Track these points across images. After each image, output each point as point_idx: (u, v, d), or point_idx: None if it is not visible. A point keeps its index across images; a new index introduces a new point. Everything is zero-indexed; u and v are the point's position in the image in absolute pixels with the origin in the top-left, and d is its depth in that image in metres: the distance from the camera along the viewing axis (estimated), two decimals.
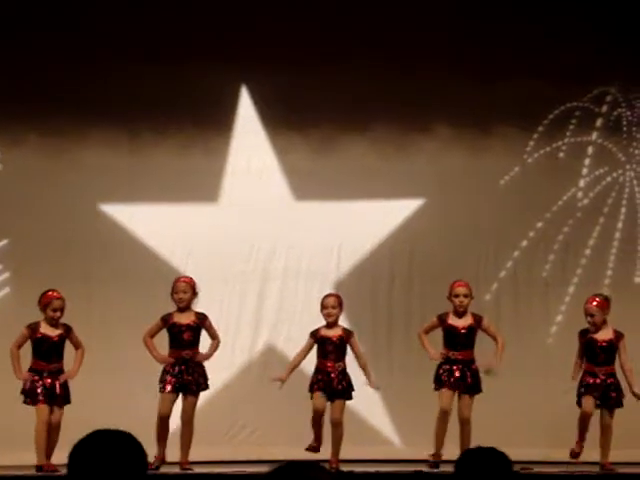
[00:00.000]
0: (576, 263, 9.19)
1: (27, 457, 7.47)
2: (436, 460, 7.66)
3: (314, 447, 7.64)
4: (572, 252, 9.18)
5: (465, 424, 7.64)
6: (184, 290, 7.65)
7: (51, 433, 7.40)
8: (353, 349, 7.76)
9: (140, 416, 7.91)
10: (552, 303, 9.14)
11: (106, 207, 9.00)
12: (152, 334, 7.65)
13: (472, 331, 7.78)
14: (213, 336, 7.74)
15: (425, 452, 7.86)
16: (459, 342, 7.76)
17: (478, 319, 7.83)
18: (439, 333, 7.84)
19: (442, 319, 7.82)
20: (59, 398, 7.45)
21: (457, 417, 7.67)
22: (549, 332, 9.09)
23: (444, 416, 7.65)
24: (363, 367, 7.77)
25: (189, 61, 8.89)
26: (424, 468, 7.59)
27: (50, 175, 8.95)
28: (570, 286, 9.16)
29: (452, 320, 7.79)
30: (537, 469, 7.73)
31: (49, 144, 8.98)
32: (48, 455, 7.41)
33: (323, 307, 7.81)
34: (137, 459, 2.53)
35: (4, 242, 8.93)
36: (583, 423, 7.69)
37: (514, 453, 8.60)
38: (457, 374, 7.69)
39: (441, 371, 7.73)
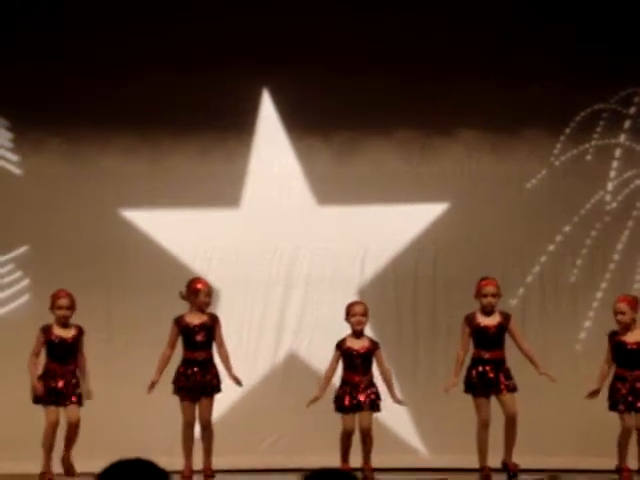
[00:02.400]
0: (604, 268, 9.05)
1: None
2: (487, 473, 7.49)
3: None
4: (600, 257, 9.04)
5: (512, 422, 7.44)
6: (210, 293, 7.60)
7: (69, 433, 7.36)
8: (378, 362, 7.64)
9: (162, 422, 7.85)
10: (580, 309, 9.00)
11: (127, 213, 8.95)
12: (172, 344, 7.53)
13: (502, 329, 7.65)
14: (221, 343, 7.57)
15: (451, 460, 7.73)
16: (490, 342, 7.61)
17: (506, 316, 7.71)
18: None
19: (470, 320, 7.68)
20: (73, 397, 7.39)
21: (504, 416, 7.49)
22: (577, 338, 8.95)
23: (485, 427, 7.49)
24: (387, 381, 7.64)
25: (210, 66, 8.85)
26: (449, 477, 7.46)
27: (71, 181, 8.93)
28: (598, 291, 9.02)
29: (480, 319, 7.66)
30: (566, 477, 7.60)
31: (70, 151, 8.96)
32: (66, 453, 7.36)
33: (351, 315, 7.68)
34: None
35: (24, 248, 8.90)
36: (625, 440, 7.48)
37: (543, 461, 8.55)
38: (491, 375, 7.54)
39: (474, 373, 7.57)
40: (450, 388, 7.53)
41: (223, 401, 7.81)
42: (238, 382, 7.55)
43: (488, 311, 7.65)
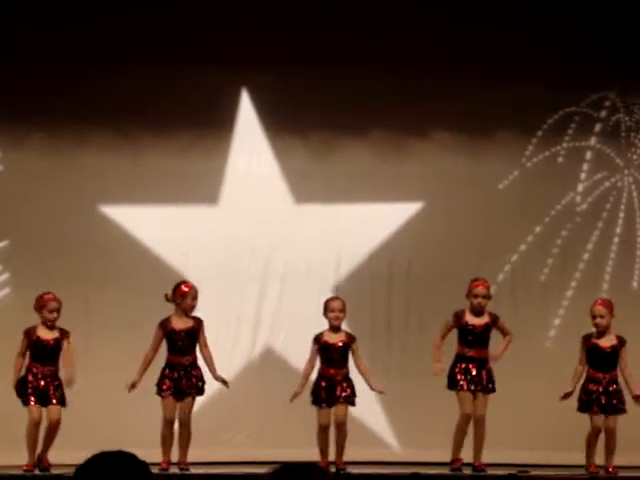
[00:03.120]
0: (574, 267, 9.21)
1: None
2: (459, 466, 7.62)
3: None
4: (570, 257, 9.20)
5: (480, 424, 7.62)
6: (195, 297, 7.64)
7: (48, 432, 7.42)
8: (354, 354, 7.76)
9: (139, 418, 7.94)
10: (551, 307, 9.16)
11: (106, 209, 9.02)
12: (155, 347, 7.60)
13: (488, 329, 7.78)
14: (204, 345, 7.66)
15: (423, 454, 7.87)
16: (475, 340, 7.74)
17: (494, 318, 7.83)
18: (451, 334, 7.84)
19: (458, 317, 7.80)
20: (54, 398, 7.45)
21: (472, 416, 7.64)
22: (547, 336, 9.11)
23: (467, 420, 7.61)
24: (364, 372, 7.77)
25: (189, 63, 8.91)
26: (420, 471, 7.60)
27: (50, 177, 8.97)
28: (568, 290, 9.18)
29: (469, 318, 7.78)
30: (535, 472, 7.75)
31: (50, 146, 9.01)
32: (43, 453, 7.44)
33: (330, 310, 7.79)
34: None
35: (4, 243, 8.96)
36: (593, 440, 7.63)
37: (513, 456, 8.69)
38: (474, 372, 7.67)
39: (457, 370, 7.70)
40: (440, 372, 7.65)
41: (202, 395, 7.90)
42: (225, 383, 7.66)
43: (477, 312, 7.76)
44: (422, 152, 9.17)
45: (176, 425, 7.65)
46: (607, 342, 7.75)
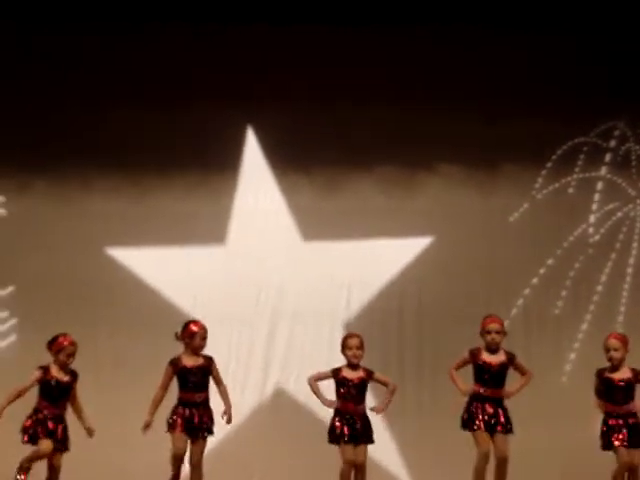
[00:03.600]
0: (588, 299, 9.11)
1: None
2: None
3: None
4: (584, 288, 9.11)
5: (503, 464, 7.45)
6: (204, 337, 7.59)
7: (50, 475, 7.33)
8: (380, 381, 7.66)
9: (149, 458, 7.81)
10: (565, 341, 9.05)
11: (113, 251, 8.98)
12: (166, 385, 7.53)
13: (505, 368, 7.64)
14: (220, 381, 7.62)
15: None
16: (491, 379, 7.61)
17: (511, 356, 7.70)
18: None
19: (474, 354, 7.67)
20: (60, 443, 7.37)
21: (494, 457, 7.48)
22: (563, 370, 8.98)
23: (485, 460, 7.46)
24: (391, 392, 7.65)
25: (193, 103, 8.92)
26: None
27: (56, 221, 8.96)
28: (583, 323, 9.07)
29: (485, 356, 7.64)
30: None
31: (54, 191, 9.00)
32: None
33: (347, 348, 7.66)
34: None
35: (11, 289, 8.91)
36: (620, 476, 7.48)
37: None
38: (490, 411, 7.53)
39: (472, 409, 7.55)
40: (469, 391, 7.51)
41: (211, 437, 7.78)
42: (229, 420, 7.56)
43: (492, 348, 7.63)
44: (430, 186, 9.12)
45: (187, 468, 7.52)
46: (620, 375, 7.63)
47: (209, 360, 7.60)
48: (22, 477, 7.28)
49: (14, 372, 7.93)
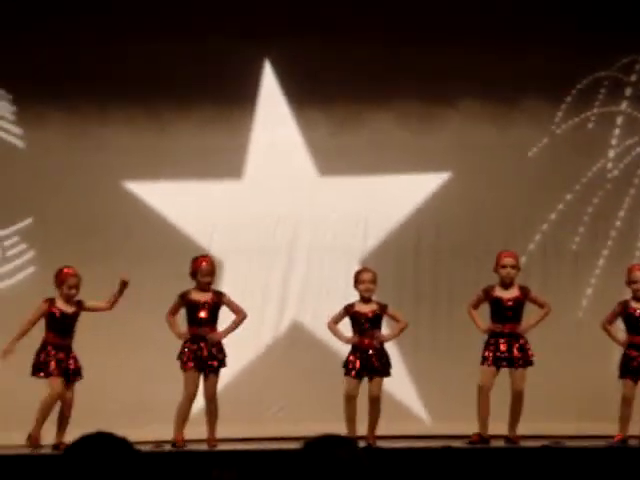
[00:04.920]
0: (606, 235, 9.06)
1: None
2: (483, 438, 7.52)
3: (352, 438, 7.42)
4: (602, 224, 9.05)
5: (518, 398, 7.52)
6: (211, 273, 7.61)
7: (63, 409, 7.41)
8: (394, 318, 7.71)
9: (162, 394, 7.89)
10: (582, 276, 9.03)
11: (130, 185, 8.97)
12: (174, 312, 7.64)
13: (519, 303, 7.65)
14: (236, 311, 7.68)
15: (455, 427, 7.79)
16: (506, 315, 7.62)
17: (525, 291, 7.70)
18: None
19: (487, 292, 7.68)
20: (73, 373, 7.45)
21: (510, 390, 7.55)
22: (579, 305, 8.98)
23: (482, 393, 7.53)
24: (399, 330, 7.67)
25: (211, 37, 8.81)
26: (453, 443, 7.51)
27: (73, 154, 8.93)
28: (600, 258, 9.04)
29: (498, 292, 7.65)
30: (569, 443, 7.65)
31: (72, 123, 8.95)
32: (59, 430, 7.40)
33: (360, 282, 7.71)
34: (129, 468, 2.45)
35: (28, 221, 8.92)
36: (624, 408, 7.53)
37: (546, 427, 8.58)
38: (503, 348, 7.56)
39: (488, 345, 7.59)
40: (487, 331, 7.53)
41: (227, 370, 7.85)
42: (213, 338, 7.53)
43: (507, 283, 7.62)
44: (448, 122, 9.04)
45: (202, 402, 7.60)
46: None
47: (219, 295, 7.64)
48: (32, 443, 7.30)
49: (32, 303, 7.99)
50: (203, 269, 7.60)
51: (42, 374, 7.43)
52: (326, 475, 2.42)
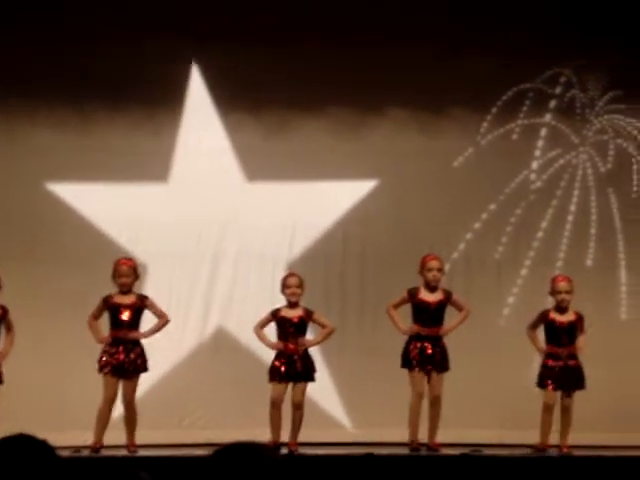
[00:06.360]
0: (528, 245, 9.18)
1: None
2: (417, 446, 7.56)
3: (276, 445, 7.43)
4: (524, 234, 9.17)
5: (436, 403, 7.58)
6: (127, 274, 7.56)
7: None
8: (320, 324, 7.72)
9: (82, 397, 7.80)
10: (504, 285, 9.13)
11: (53, 186, 8.85)
12: (96, 316, 7.58)
13: (443, 306, 7.72)
14: (160, 315, 7.64)
15: (376, 434, 7.82)
16: (429, 318, 7.68)
17: (448, 294, 7.77)
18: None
19: (412, 294, 7.73)
20: None
21: (428, 396, 7.60)
22: (501, 313, 9.08)
23: (419, 400, 7.57)
24: (324, 335, 7.69)
25: (139, 38, 8.75)
26: (374, 451, 7.54)
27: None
28: (522, 268, 9.15)
29: (423, 295, 7.71)
30: (488, 451, 7.72)
31: None
32: None
33: (286, 286, 7.73)
34: (48, 471, 2.43)
35: None
36: (545, 415, 7.63)
37: (466, 434, 8.67)
38: (429, 351, 7.61)
39: (411, 348, 7.63)
40: (409, 332, 7.57)
41: (150, 375, 7.79)
42: (135, 336, 7.49)
43: (432, 286, 7.69)
44: (376, 129, 9.08)
45: (121, 408, 7.54)
46: (566, 318, 7.77)
47: (142, 298, 7.60)
48: None
49: None
50: (119, 270, 7.58)
51: None
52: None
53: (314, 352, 7.89)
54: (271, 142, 9.01)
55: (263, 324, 7.72)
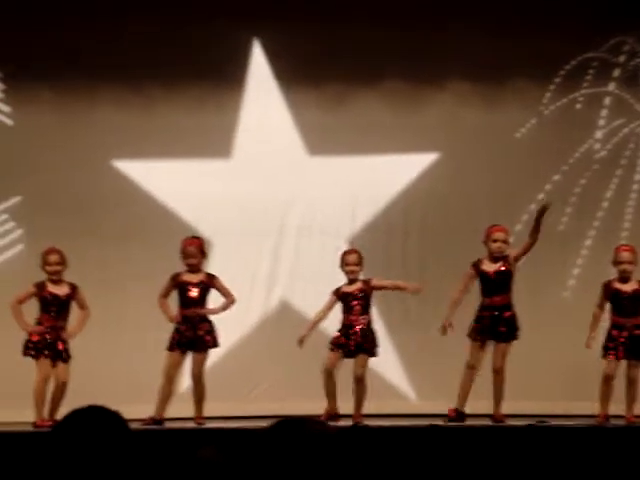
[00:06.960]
0: (593, 216, 9.10)
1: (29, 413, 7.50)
2: (460, 413, 7.58)
3: (332, 415, 7.51)
4: (589, 205, 9.09)
5: (498, 374, 7.58)
6: (193, 255, 7.62)
7: (55, 390, 7.43)
8: (382, 285, 7.74)
9: (152, 374, 7.93)
10: (569, 256, 9.07)
11: (119, 163, 8.96)
12: (165, 295, 7.66)
13: (506, 275, 7.69)
14: (226, 294, 7.72)
15: (441, 406, 7.84)
16: (493, 288, 7.67)
17: (509, 261, 7.75)
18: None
19: (476, 265, 7.73)
20: (62, 354, 7.47)
21: (491, 366, 7.61)
22: (566, 285, 9.03)
23: (469, 370, 7.58)
24: (397, 285, 7.76)
25: (200, 16, 8.81)
26: (439, 422, 7.56)
27: (62, 132, 8.92)
28: (587, 239, 9.08)
29: (485, 266, 7.71)
30: (554, 422, 7.70)
31: (61, 102, 8.94)
32: (52, 411, 7.42)
33: (345, 264, 7.75)
34: (120, 441, 2.48)
35: (17, 199, 8.92)
36: (604, 386, 7.59)
37: (532, 406, 8.65)
38: (486, 322, 7.60)
39: (477, 318, 7.63)
40: (444, 332, 7.59)
41: (216, 349, 7.88)
42: (208, 311, 7.57)
43: (496, 257, 7.67)
44: (437, 102, 9.05)
45: (189, 381, 7.66)
46: (630, 287, 7.71)
47: (209, 277, 7.67)
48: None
49: (21, 282, 8.01)
50: (186, 251, 7.65)
51: (33, 354, 7.48)
52: (292, 454, 2.45)
53: (378, 326, 7.92)
54: (332, 117, 9.02)
55: (325, 309, 7.76)
